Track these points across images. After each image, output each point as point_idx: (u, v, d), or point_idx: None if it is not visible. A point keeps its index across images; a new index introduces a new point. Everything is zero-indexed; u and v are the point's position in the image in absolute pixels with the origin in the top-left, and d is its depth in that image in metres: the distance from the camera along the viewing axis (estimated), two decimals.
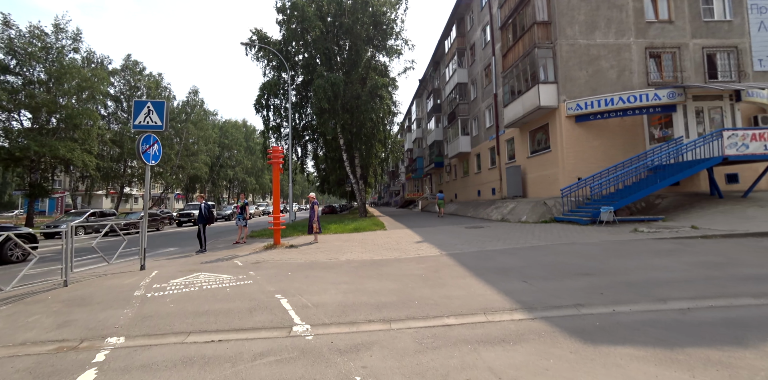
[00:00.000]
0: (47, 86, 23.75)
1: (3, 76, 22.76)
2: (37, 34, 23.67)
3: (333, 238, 10.78)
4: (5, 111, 22.81)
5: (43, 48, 23.64)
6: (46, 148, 21.81)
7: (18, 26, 23.28)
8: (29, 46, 23.20)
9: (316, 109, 19.11)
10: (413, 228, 12.66)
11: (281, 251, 8.45)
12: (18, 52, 22.90)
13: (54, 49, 24.13)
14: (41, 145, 21.53)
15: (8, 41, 22.65)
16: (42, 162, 24.05)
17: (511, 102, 17.29)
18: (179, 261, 7.62)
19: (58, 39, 24.48)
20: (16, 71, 23.20)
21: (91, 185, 30.25)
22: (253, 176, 59.19)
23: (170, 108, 37.19)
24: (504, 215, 14.38)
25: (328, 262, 6.55)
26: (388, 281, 4.76)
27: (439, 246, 7.80)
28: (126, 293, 4.41)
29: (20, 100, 22.99)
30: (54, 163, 24.55)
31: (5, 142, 22.93)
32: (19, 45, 22.78)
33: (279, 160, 9.46)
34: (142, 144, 6.47)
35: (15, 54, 22.93)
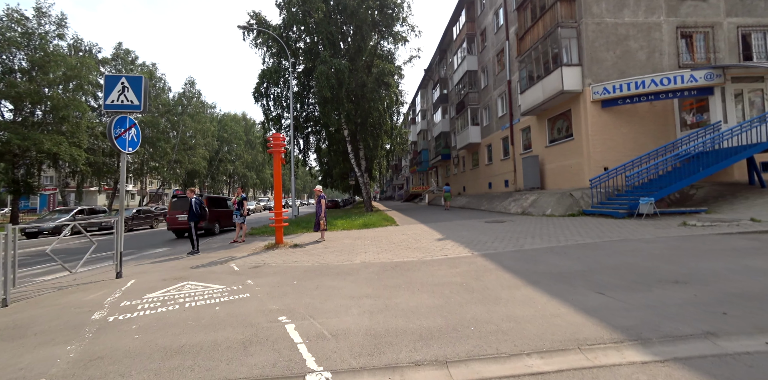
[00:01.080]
0: (30, 75, 22.46)
1: None
2: (17, 18, 22.27)
3: (341, 236, 9.73)
4: None
5: (24, 34, 22.27)
6: (30, 142, 20.65)
7: None
8: (8, 31, 21.85)
9: (319, 98, 17.91)
10: (428, 224, 11.60)
11: (284, 252, 7.40)
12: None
13: (36, 35, 22.76)
14: (24, 138, 20.36)
15: None
16: (26, 156, 22.92)
17: (529, 87, 16.06)
18: (165, 265, 6.58)
19: (40, 24, 23.11)
20: None
21: (82, 181, 29.16)
22: (253, 171, 58.11)
23: (165, 100, 35.95)
24: (525, 208, 13.29)
25: (341, 266, 5.49)
26: (423, 293, 3.70)
27: (468, 245, 6.74)
28: (82, 316, 3.36)
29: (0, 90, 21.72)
30: (40, 158, 23.41)
31: None
32: None
33: (280, 148, 8.37)
34: (114, 127, 5.37)
35: None
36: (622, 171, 11.45)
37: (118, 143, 5.40)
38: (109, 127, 5.29)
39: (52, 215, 17.49)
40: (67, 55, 24.12)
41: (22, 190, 23.55)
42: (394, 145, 25.37)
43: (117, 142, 5.38)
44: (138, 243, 11.08)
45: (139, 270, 6.12)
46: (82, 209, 17.62)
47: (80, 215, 16.96)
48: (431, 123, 41.02)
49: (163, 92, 35.92)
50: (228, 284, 4.57)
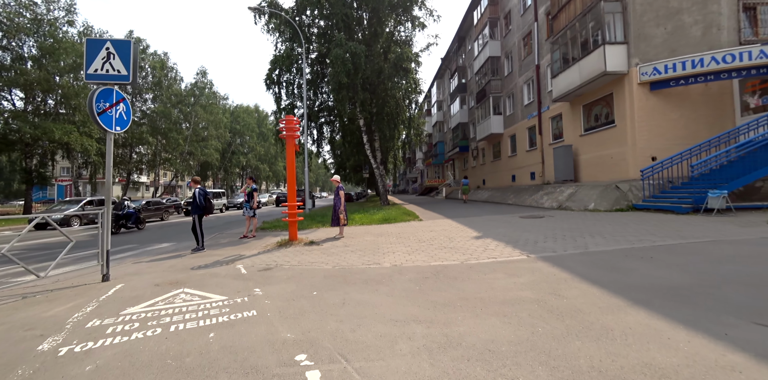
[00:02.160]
0: (40, 63, 22.04)
1: None
2: (25, 3, 21.77)
3: (361, 231, 8.76)
4: None
5: (33, 20, 21.78)
6: (40, 131, 20.31)
7: None
8: (17, 17, 21.39)
9: (334, 84, 16.82)
10: (455, 219, 10.51)
11: (299, 250, 6.47)
12: (4, 22, 21.13)
13: (45, 21, 22.27)
14: (35, 127, 20.01)
15: None
16: (38, 146, 22.68)
17: (562, 71, 14.59)
18: (164, 264, 5.74)
19: (49, 10, 22.59)
20: (3, 45, 21.51)
21: (95, 172, 29.05)
22: (266, 163, 57.78)
23: (178, 90, 35.44)
24: (561, 202, 12.04)
25: (368, 271, 4.51)
26: (491, 316, 2.67)
27: (514, 245, 5.65)
28: (25, 345, 2.44)
29: (10, 78, 21.37)
30: (52, 148, 23.18)
31: None
32: (4, 15, 20.96)
33: (294, 133, 7.38)
34: (97, 100, 4.46)
35: (1, 25, 21.16)
36: (679, 160, 10.07)
37: (102, 120, 4.49)
38: (90, 100, 4.38)
39: (62, 206, 17.13)
40: (77, 43, 23.60)
41: (35, 180, 23.45)
42: (410, 136, 24.16)
43: (101, 119, 4.48)
44: (144, 237, 10.39)
45: (132, 271, 5.28)
46: (92, 200, 17.17)
47: (89, 206, 16.51)
48: (448, 114, 39.51)
49: (175, 82, 35.41)
50: (231, 294, 3.63)
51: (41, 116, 22.66)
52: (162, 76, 33.49)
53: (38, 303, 3.57)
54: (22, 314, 3.18)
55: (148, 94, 33.74)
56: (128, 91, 31.73)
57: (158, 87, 33.59)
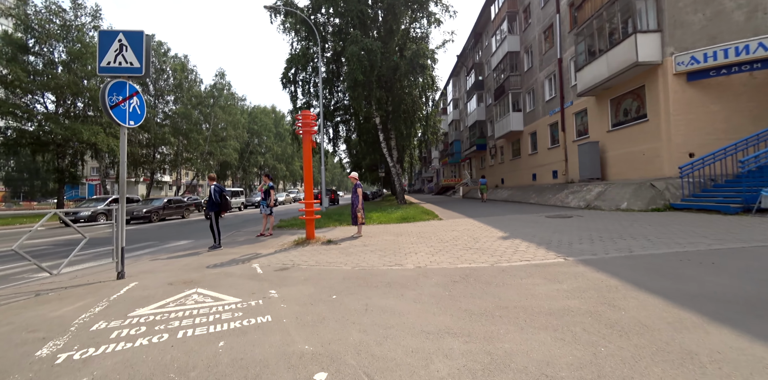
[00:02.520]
0: (69, 67, 22.86)
1: (23, 56, 22.03)
2: (55, 10, 22.62)
3: (379, 230, 8.45)
4: (27, 92, 22.22)
5: (62, 26, 22.63)
6: (70, 132, 21.05)
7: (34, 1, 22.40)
8: (47, 23, 22.26)
9: (350, 82, 16.62)
10: (476, 218, 10.06)
11: (317, 249, 6.22)
12: (36, 29, 22.02)
13: (74, 27, 23.12)
14: (65, 128, 20.76)
15: (24, 18, 21.76)
16: (69, 147, 23.53)
17: (588, 64, 13.84)
18: (180, 262, 5.60)
19: (77, 16, 23.43)
20: (35, 51, 22.44)
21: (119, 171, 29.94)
22: (283, 163, 58.44)
23: (198, 92, 36.19)
24: (589, 201, 11.38)
25: (390, 273, 4.19)
26: (539, 331, 2.30)
27: (547, 246, 5.21)
28: (24, 349, 2.27)
29: (42, 82, 22.25)
30: (81, 148, 24.00)
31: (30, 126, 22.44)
32: (36, 22, 21.84)
33: (311, 128, 7.16)
34: (110, 94, 4.32)
35: (33, 32, 22.06)
36: (722, 156, 9.28)
37: (114, 114, 4.36)
38: (102, 93, 4.25)
39: (89, 203, 17.64)
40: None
41: (66, 179, 24.34)
42: (427, 134, 23.70)
43: (114, 113, 4.34)
44: (164, 235, 10.44)
45: (148, 268, 5.16)
46: (117, 198, 17.63)
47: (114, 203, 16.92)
48: (464, 112, 38.79)
49: (194, 84, 36.16)
50: (245, 296, 3.39)
51: (71, 118, 23.51)
52: (182, 78, 34.25)
53: (49, 301, 3.43)
54: (30, 313, 3.03)
55: (170, 96, 34.58)
56: (151, 93, 32.62)
57: (179, 89, 34.38)
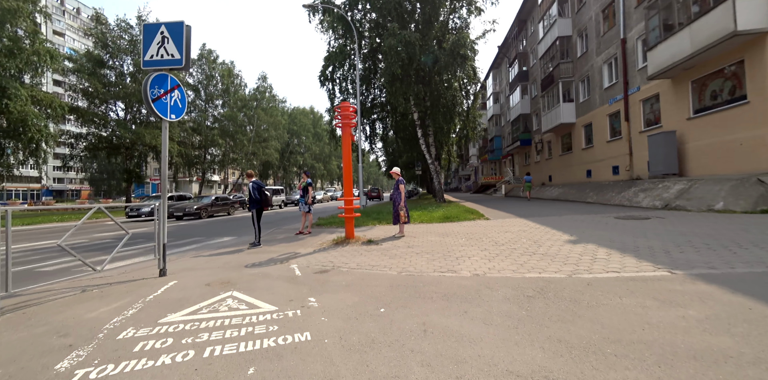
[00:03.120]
0: (135, 77, 24.90)
1: (100, 70, 24.36)
2: (124, 27, 24.77)
3: (422, 230, 7.88)
4: (102, 102, 24.54)
5: (130, 41, 24.72)
6: (135, 136, 22.92)
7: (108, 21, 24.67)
8: (118, 40, 24.44)
9: (387, 76, 16.14)
10: (530, 218, 9.10)
11: (357, 250, 5.81)
12: (110, 46, 24.26)
13: (139, 41, 25.17)
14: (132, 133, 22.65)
15: (101, 36, 24.04)
16: (135, 149, 25.64)
17: (664, 40, 12.08)
18: (221, 260, 5.46)
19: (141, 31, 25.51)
20: (109, 64, 24.71)
21: (176, 171, 32.17)
22: (321, 162, 59.74)
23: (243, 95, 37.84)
24: (668, 200, 9.87)
25: (443, 280, 3.62)
26: None
27: (635, 254, 4.32)
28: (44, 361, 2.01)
29: (115, 92, 24.44)
30: (145, 151, 26.04)
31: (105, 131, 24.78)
32: (110, 39, 24.04)
33: (350, 121, 6.76)
34: (151, 87, 4.19)
35: (108, 48, 24.32)
36: None
37: (156, 107, 4.23)
38: (144, 86, 4.13)
39: (149, 200, 18.93)
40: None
41: (133, 178, 26.63)
42: (467, 129, 22.56)
43: (155, 107, 4.22)
44: (210, 231, 10.70)
45: (190, 265, 5.05)
46: (172, 195, 18.80)
47: (170, 201, 18.01)
48: (505, 106, 36.80)
49: (240, 88, 37.91)
50: (282, 303, 3.01)
51: (137, 124, 25.68)
52: (229, 83, 36.03)
53: (90, 299, 3.32)
54: (69, 313, 2.89)
55: (218, 100, 36.57)
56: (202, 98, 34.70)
57: (226, 93, 36.24)
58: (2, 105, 16.69)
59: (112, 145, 24.57)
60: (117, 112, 26.00)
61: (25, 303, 3.24)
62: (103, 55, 24.53)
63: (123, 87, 24.42)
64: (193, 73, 33.88)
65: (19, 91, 16.98)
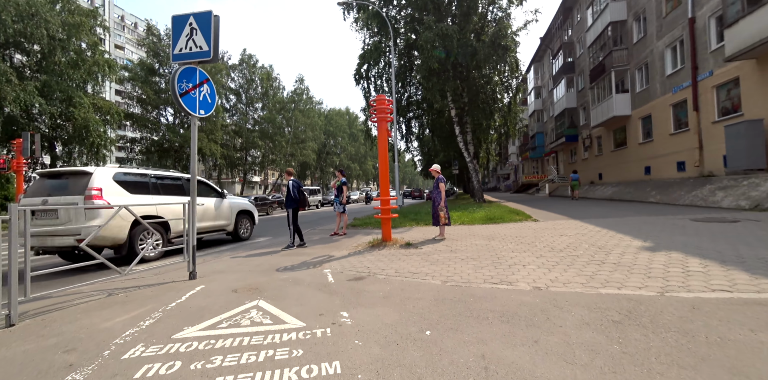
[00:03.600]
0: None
1: (152, 78, 26.18)
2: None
3: (464, 232, 7.24)
4: (154, 108, 26.35)
5: None
6: (182, 139, 24.32)
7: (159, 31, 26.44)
8: (168, 48, 26.08)
9: (423, 71, 15.57)
10: (586, 220, 8.11)
11: (395, 254, 5.35)
12: (160, 54, 25.97)
13: None
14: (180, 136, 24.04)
15: (152, 46, 25.81)
16: (183, 152, 27.28)
17: (748, 15, 10.36)
18: (253, 262, 5.25)
19: None
20: (159, 72, 26.46)
21: (220, 172, 33.83)
22: (356, 162, 60.25)
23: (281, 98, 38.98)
24: (758, 200, 8.38)
25: (498, 294, 3.05)
26: None
27: (743, 267, 3.44)
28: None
29: (165, 98, 26.11)
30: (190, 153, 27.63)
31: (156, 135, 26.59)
32: (160, 47, 25.70)
33: (386, 115, 6.32)
34: (179, 81, 4.03)
35: (158, 57, 26.05)
36: None
37: (185, 102, 4.07)
38: (173, 80, 3.98)
39: None
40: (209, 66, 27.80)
41: None
42: (508, 126, 21.26)
43: (183, 101, 4.05)
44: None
45: (222, 268, 4.89)
46: None
47: None
48: (548, 101, 34.59)
49: (278, 91, 39.13)
50: (311, 319, 2.62)
51: (184, 128, 27.32)
52: (268, 86, 37.31)
53: (112, 305, 3.17)
54: (84, 321, 2.72)
55: (258, 104, 38.01)
56: (243, 101, 36.28)
57: (265, 96, 37.57)
58: (69, 113, 18.35)
59: (163, 148, 26.30)
60: (167, 117, 27.79)
61: (48, 308, 3.14)
62: (154, 63, 26.29)
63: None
64: (235, 77, 35.46)
65: (83, 99, 18.56)
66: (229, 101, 35.44)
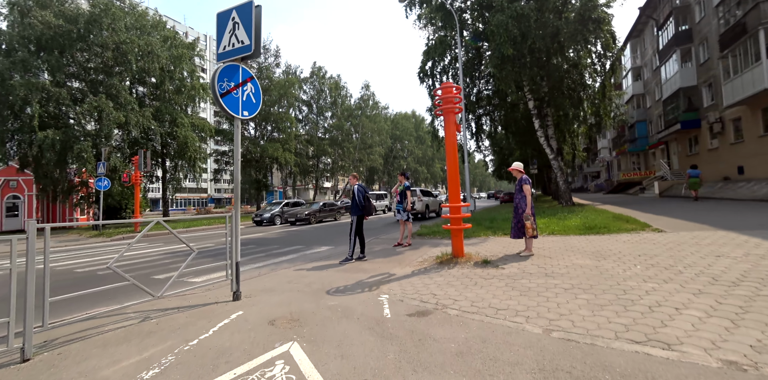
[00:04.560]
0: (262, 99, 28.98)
1: None
2: None
3: (558, 246, 5.74)
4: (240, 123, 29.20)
5: (258, 68, 28.86)
6: (261, 150, 26.39)
7: None
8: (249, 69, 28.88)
9: (495, 59, 13.95)
10: (744, 231, 5.83)
11: (469, 275, 4.27)
12: None
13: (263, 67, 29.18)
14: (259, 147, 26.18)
15: None
16: (263, 162, 29.60)
17: None
18: (304, 280, 4.69)
19: (266, 58, 29.44)
20: None
21: (294, 180, 35.97)
22: (424, 165, 59.19)
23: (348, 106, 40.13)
24: None
25: (656, 370, 1.80)
26: None
27: None
28: None
29: None
30: (270, 162, 29.79)
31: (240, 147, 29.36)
32: None
33: (454, 105, 5.28)
34: (220, 79, 3.64)
35: None
36: None
37: (226, 103, 3.67)
38: (213, 79, 3.61)
39: (270, 207, 21.16)
40: (282, 80, 29.95)
41: (262, 187, 30.87)
42: (602, 114, 17.96)
43: (224, 102, 3.66)
44: (313, 238, 10.69)
45: (271, 285, 4.42)
46: (288, 202, 20.55)
47: (286, 207, 19.68)
48: (652, 82, 28.96)
49: (345, 99, 40.39)
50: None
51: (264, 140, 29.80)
52: (336, 95, 38.76)
53: (135, 336, 2.77)
54: (90, 363, 2.30)
55: (328, 113, 39.72)
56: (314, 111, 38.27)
57: (334, 105, 39.09)
58: (174, 132, 21.18)
59: (246, 159, 28.86)
60: (249, 130, 30.51)
61: (70, 338, 2.80)
62: None
63: None
64: (306, 89, 37.55)
65: (184, 119, 21.26)
66: (302, 112, 37.64)
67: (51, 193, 18.39)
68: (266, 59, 29.95)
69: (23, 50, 17.17)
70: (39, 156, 16.15)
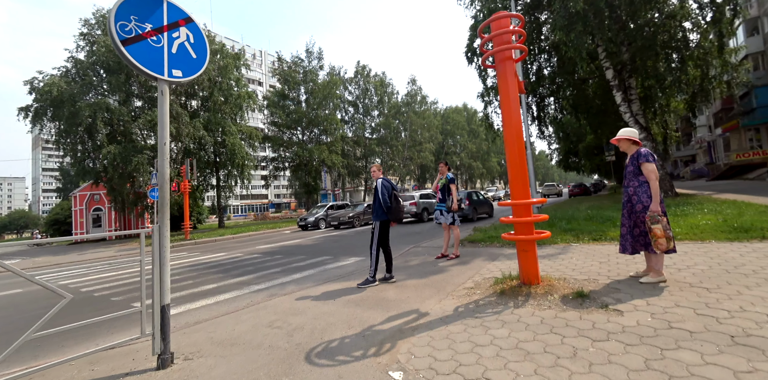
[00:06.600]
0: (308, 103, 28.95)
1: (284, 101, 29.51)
2: (297, 62, 29.22)
3: (702, 261, 3.47)
4: (288, 129, 29.53)
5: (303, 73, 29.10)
6: (308, 153, 26.25)
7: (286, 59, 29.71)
8: (295, 73, 29.00)
9: (561, 20, 11.30)
10: None
11: (556, 326, 2.38)
12: (289, 80, 29.05)
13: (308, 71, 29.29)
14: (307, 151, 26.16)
15: (282, 73, 29.09)
16: (311, 165, 29.59)
17: None
18: (292, 321, 3.19)
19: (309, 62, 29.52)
20: (289, 96, 29.60)
21: (343, 182, 35.56)
22: (478, 160, 55.39)
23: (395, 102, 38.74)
24: None
25: None
26: None
27: None
28: None
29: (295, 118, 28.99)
30: (317, 165, 29.66)
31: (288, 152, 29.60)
32: (288, 74, 28.78)
33: (509, 51, 3.37)
34: (121, 16, 2.29)
35: (288, 83, 29.19)
36: None
37: (134, 55, 2.32)
38: (109, 19, 2.28)
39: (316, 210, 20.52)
40: (326, 82, 29.73)
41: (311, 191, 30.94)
42: (714, 78, 13.81)
43: (132, 54, 2.31)
44: (348, 246, 9.32)
45: (238, 333, 3.03)
46: (333, 204, 19.71)
47: (331, 210, 18.82)
48: None
49: (392, 96, 39.03)
50: None
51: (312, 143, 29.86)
52: (383, 93, 37.60)
53: None
54: None
55: (375, 111, 38.73)
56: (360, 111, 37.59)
57: (381, 103, 37.96)
58: (223, 140, 21.79)
59: (294, 163, 29.07)
60: (297, 135, 30.76)
61: None
62: (284, 89, 29.56)
63: (299, 113, 28.71)
64: (351, 89, 37.00)
65: (231, 128, 21.76)
66: (348, 113, 37.17)
67: (120, 205, 19.93)
68: (310, 63, 29.97)
69: (94, 75, 18.85)
70: (106, 170, 17.47)
